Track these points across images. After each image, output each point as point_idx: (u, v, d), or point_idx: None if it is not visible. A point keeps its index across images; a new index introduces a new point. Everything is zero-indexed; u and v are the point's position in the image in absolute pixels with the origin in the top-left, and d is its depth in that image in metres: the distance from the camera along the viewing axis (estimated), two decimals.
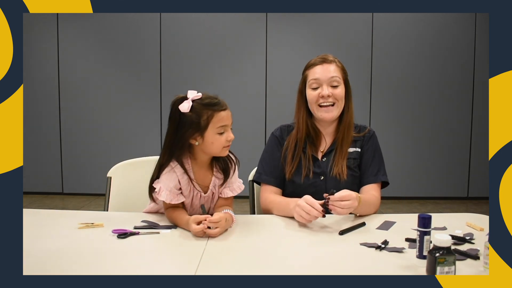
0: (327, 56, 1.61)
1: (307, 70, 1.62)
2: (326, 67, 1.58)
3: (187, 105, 1.35)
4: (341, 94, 1.59)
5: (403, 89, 4.61)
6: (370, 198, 1.52)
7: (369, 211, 1.50)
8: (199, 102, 1.37)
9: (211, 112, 1.36)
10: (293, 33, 4.57)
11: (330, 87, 1.57)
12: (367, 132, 1.68)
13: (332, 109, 1.58)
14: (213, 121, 1.36)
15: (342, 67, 1.63)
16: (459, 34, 4.55)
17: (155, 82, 4.64)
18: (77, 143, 4.73)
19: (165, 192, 1.38)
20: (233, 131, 1.44)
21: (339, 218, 1.46)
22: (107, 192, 1.74)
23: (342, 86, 1.60)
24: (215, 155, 1.44)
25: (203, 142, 1.38)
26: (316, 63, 1.60)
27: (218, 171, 1.48)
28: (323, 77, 1.57)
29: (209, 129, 1.36)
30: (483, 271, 1.01)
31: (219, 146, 1.39)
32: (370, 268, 1.06)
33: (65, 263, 1.07)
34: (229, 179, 1.48)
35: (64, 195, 4.77)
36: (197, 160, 1.44)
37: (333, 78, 1.57)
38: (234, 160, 1.50)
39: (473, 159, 4.66)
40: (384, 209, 4.16)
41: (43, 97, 4.68)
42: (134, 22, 4.60)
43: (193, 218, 1.26)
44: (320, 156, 1.62)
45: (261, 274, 1.01)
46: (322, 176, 1.59)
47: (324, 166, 1.60)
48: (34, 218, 1.44)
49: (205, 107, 1.36)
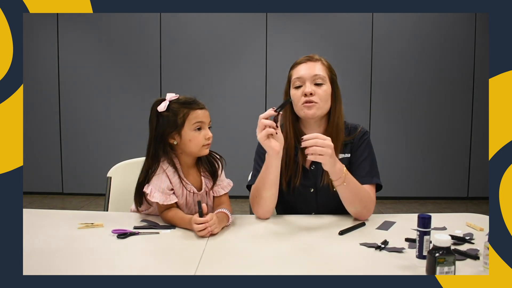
0: (312, 55, 1.54)
1: (291, 70, 1.55)
2: (310, 65, 1.50)
3: (164, 105, 1.41)
4: (324, 93, 1.48)
5: (403, 89, 4.61)
6: (360, 186, 1.42)
7: (353, 200, 1.40)
8: (175, 101, 1.42)
9: (187, 110, 1.40)
10: (293, 33, 4.57)
11: (314, 85, 1.48)
12: (358, 133, 1.55)
13: (313, 105, 1.46)
14: (189, 118, 1.40)
15: (329, 65, 1.54)
16: (459, 34, 4.55)
17: (155, 82, 4.64)
18: (77, 143, 4.73)
19: (157, 193, 1.39)
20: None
21: (339, 218, 1.46)
22: (107, 192, 1.74)
23: (327, 85, 1.49)
24: (196, 155, 1.45)
25: (181, 141, 1.41)
26: (301, 61, 1.53)
27: (205, 172, 1.50)
28: (306, 74, 1.48)
29: (185, 127, 1.39)
30: (483, 271, 1.01)
31: (198, 144, 1.41)
32: (370, 268, 1.06)
33: (65, 263, 1.07)
34: (218, 178, 1.51)
35: (64, 195, 4.77)
36: (182, 162, 1.46)
37: (317, 76, 1.48)
38: (219, 158, 1.52)
39: (473, 159, 4.66)
40: (384, 209, 4.16)
41: (43, 97, 4.68)
42: (134, 22, 4.60)
43: (194, 219, 1.26)
44: (309, 165, 1.53)
45: (261, 274, 1.01)
46: (312, 188, 1.53)
47: (314, 176, 1.52)
48: (34, 218, 1.44)
49: (181, 106, 1.41)
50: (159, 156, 1.42)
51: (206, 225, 1.24)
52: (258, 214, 1.48)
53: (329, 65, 1.54)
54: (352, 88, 4.54)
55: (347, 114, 1.59)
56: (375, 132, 4.61)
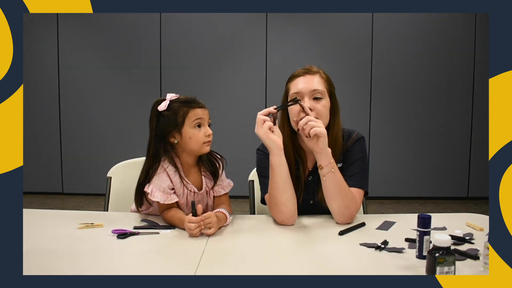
0: (310, 67, 1.48)
1: (289, 82, 1.50)
2: (308, 78, 1.45)
3: (164, 104, 1.42)
4: (323, 108, 1.44)
5: (403, 89, 4.61)
6: (345, 184, 1.39)
7: (336, 194, 1.37)
8: (176, 101, 1.44)
9: (187, 108, 1.42)
10: (293, 33, 4.57)
11: (313, 99, 1.43)
12: (351, 140, 1.52)
13: None
14: (189, 116, 1.41)
15: (327, 78, 1.49)
16: (459, 34, 4.55)
17: (155, 82, 4.64)
18: (77, 143, 4.73)
19: (158, 193, 1.39)
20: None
21: None
22: (107, 192, 1.74)
23: (326, 99, 1.45)
24: (197, 153, 1.45)
25: (181, 139, 1.42)
26: (299, 74, 1.47)
27: (206, 172, 1.50)
28: (305, 89, 1.42)
29: (185, 125, 1.41)
30: (483, 271, 1.01)
31: (199, 142, 1.41)
32: (370, 268, 1.06)
33: (65, 263, 1.07)
34: (219, 177, 1.51)
35: (64, 195, 4.77)
36: (182, 162, 1.46)
37: (316, 91, 1.42)
38: (219, 158, 1.53)
39: (473, 159, 4.67)
40: (384, 209, 4.16)
41: (43, 97, 4.68)
42: (134, 22, 4.59)
43: (187, 219, 1.26)
44: (306, 176, 1.52)
45: (260, 274, 1.01)
46: (311, 200, 1.52)
47: (311, 187, 1.51)
48: (34, 218, 1.44)
49: (181, 105, 1.42)
50: (159, 155, 1.42)
51: (199, 224, 1.24)
52: (283, 220, 1.40)
53: (328, 77, 1.50)
54: (352, 88, 4.54)
55: (347, 114, 1.57)
56: (375, 132, 4.61)
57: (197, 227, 1.24)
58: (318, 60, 4.30)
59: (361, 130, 1.62)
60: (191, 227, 1.24)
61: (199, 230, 1.25)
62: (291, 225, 1.41)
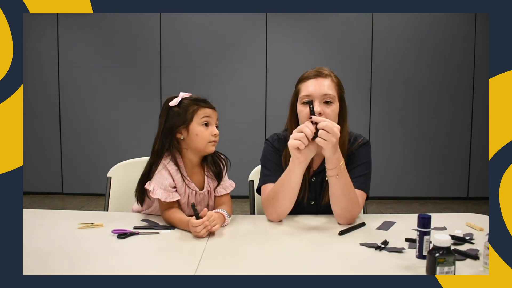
0: (322, 70, 1.47)
1: (300, 84, 1.48)
2: (320, 81, 1.43)
3: (176, 100, 1.44)
4: (333, 113, 1.43)
5: (403, 89, 4.61)
6: (352, 187, 1.40)
7: (341, 197, 1.37)
8: (187, 98, 1.45)
9: (197, 107, 1.43)
10: (293, 33, 4.57)
11: (323, 103, 1.42)
12: (357, 144, 1.53)
13: None
14: (198, 113, 1.42)
15: (338, 82, 1.48)
16: (459, 34, 4.55)
17: (155, 82, 4.64)
18: (77, 143, 4.73)
19: (159, 190, 1.39)
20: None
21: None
22: (107, 192, 1.74)
23: (336, 104, 1.44)
24: (201, 152, 1.45)
25: (188, 135, 1.42)
26: (310, 76, 1.46)
27: (209, 172, 1.50)
28: (316, 93, 1.42)
29: (193, 121, 1.42)
30: (483, 271, 1.02)
31: (205, 140, 1.42)
32: (370, 268, 1.06)
33: (65, 263, 1.07)
34: (223, 177, 1.51)
35: (64, 195, 4.77)
36: (186, 160, 1.46)
37: (327, 95, 1.42)
38: (224, 159, 1.53)
39: (473, 159, 4.66)
40: (384, 209, 4.16)
41: (43, 97, 4.68)
42: (134, 22, 4.59)
43: (191, 223, 1.26)
44: (309, 176, 1.52)
45: (260, 274, 1.01)
46: (313, 201, 1.53)
47: (314, 188, 1.52)
48: (34, 218, 1.44)
49: (192, 102, 1.44)
50: (164, 150, 1.43)
51: (205, 225, 1.25)
52: (272, 216, 1.44)
53: (339, 81, 1.49)
54: (352, 88, 4.52)
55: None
56: (375, 132, 4.61)
57: (203, 228, 1.24)
58: (318, 60, 4.30)
59: (361, 130, 1.63)
60: (197, 230, 1.24)
61: (206, 231, 1.25)
62: (277, 221, 1.44)
